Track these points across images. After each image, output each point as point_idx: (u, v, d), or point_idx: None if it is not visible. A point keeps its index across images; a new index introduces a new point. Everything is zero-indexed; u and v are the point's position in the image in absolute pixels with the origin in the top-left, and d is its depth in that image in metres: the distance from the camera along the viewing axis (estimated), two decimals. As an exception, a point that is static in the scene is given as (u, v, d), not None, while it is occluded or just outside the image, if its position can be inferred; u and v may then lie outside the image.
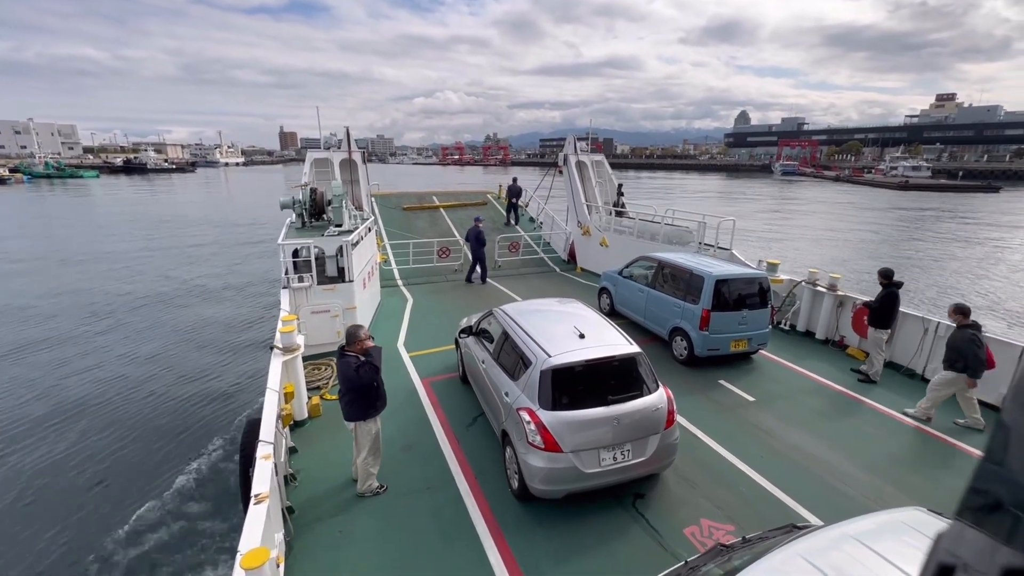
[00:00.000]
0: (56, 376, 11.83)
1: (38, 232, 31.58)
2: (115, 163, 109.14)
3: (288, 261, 8.75)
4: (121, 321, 15.70)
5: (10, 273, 21.02)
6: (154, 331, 14.96)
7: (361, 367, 5.01)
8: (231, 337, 14.69)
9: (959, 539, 0.82)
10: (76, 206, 47.54)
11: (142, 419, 10.15)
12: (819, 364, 8.84)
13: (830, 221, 40.44)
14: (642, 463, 5.07)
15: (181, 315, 16.40)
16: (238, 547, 3.38)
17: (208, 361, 13.01)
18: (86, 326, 15.14)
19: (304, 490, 5.47)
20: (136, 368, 12.45)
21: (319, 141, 16.25)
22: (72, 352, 13.20)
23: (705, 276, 8.37)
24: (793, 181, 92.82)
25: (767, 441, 6.48)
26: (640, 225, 14.28)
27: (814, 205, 53.22)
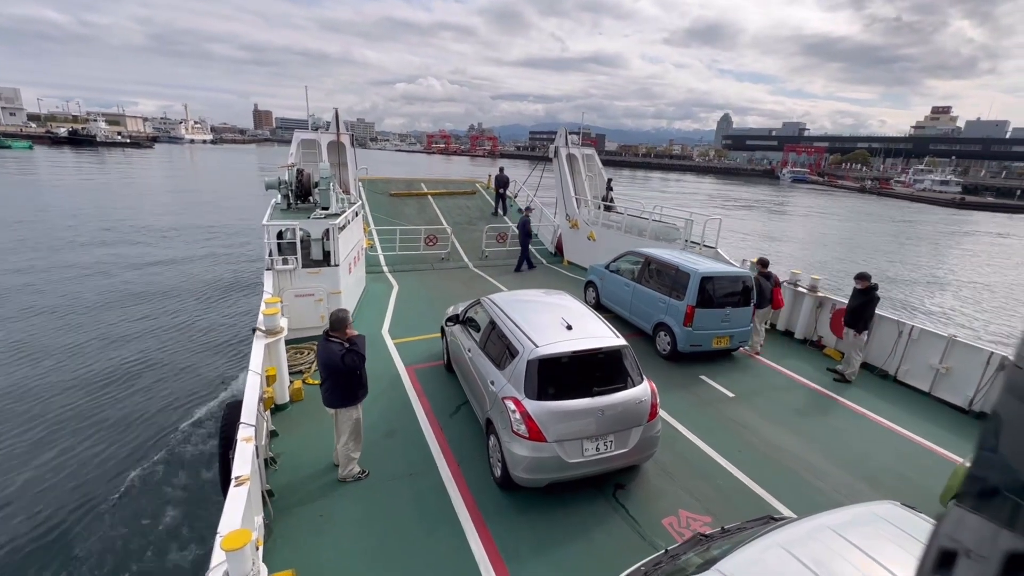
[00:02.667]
0: (24, 362, 11.43)
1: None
2: (59, 134, 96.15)
3: (272, 243, 8.58)
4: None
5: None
6: (123, 316, 14.57)
7: (347, 354, 4.97)
8: (210, 322, 14.40)
9: (959, 524, 0.84)
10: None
11: (113, 403, 9.89)
12: (797, 363, 9.05)
13: (927, 256, 31.05)
14: (624, 454, 5.14)
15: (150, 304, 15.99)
16: (218, 529, 3.33)
17: (184, 345, 12.73)
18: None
19: (284, 474, 5.41)
20: (106, 351, 12.12)
21: (299, 122, 15.92)
22: (34, 336, 12.74)
23: (691, 273, 8.47)
24: (814, 191, 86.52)
25: (745, 436, 6.63)
26: (628, 220, 14.36)
27: (871, 223, 45.54)
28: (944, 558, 0.84)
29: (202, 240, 23.69)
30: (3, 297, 14.85)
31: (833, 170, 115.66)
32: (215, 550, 3.15)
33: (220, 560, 3.06)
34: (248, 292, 16.44)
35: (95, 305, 14.78)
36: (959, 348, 7.77)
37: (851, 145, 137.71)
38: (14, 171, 48.30)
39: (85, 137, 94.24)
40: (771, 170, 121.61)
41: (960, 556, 0.81)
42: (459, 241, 16.14)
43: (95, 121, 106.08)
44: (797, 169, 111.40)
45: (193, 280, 17.68)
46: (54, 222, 25.34)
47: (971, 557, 0.78)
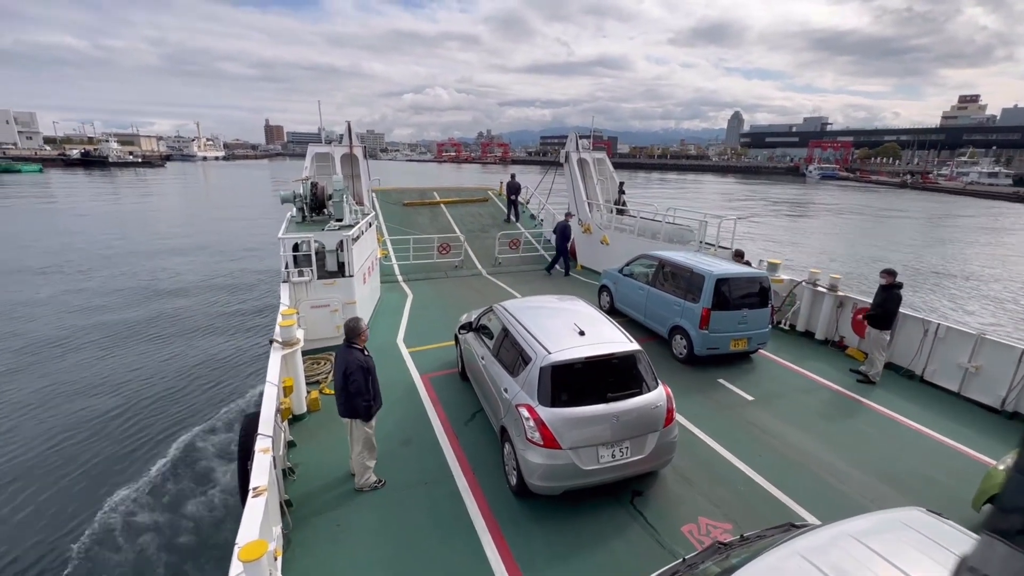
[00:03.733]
0: (49, 374, 11.79)
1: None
2: (71, 155, 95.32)
3: (288, 255, 8.73)
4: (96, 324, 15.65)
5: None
6: (143, 329, 14.94)
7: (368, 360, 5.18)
8: (228, 332, 14.68)
9: (987, 556, 0.80)
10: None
11: (135, 414, 10.11)
12: (818, 364, 8.84)
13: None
14: (641, 461, 5.07)
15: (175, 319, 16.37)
16: (236, 540, 3.38)
17: (203, 356, 12.99)
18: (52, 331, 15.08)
19: (302, 484, 5.47)
20: (127, 365, 12.43)
21: (310, 135, 16.22)
22: (56, 354, 13.09)
23: (706, 275, 8.36)
24: (846, 187, 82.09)
25: (765, 440, 6.49)
26: (641, 223, 14.26)
27: (933, 222, 42.09)
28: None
29: (218, 256, 24.09)
30: (27, 316, 15.37)
31: (863, 165, 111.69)
32: (233, 561, 3.19)
33: (238, 571, 3.10)
34: (264, 304, 16.73)
35: (113, 321, 15.19)
36: (989, 346, 7.52)
37: (878, 139, 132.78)
38: (23, 195, 47.51)
39: (97, 158, 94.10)
40: (795, 167, 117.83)
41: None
42: (472, 249, 16.21)
43: (107, 142, 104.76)
44: (825, 165, 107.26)
45: (210, 294, 18.04)
46: (68, 242, 25.96)
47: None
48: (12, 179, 62.63)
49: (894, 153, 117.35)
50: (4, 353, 12.55)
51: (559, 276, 15.26)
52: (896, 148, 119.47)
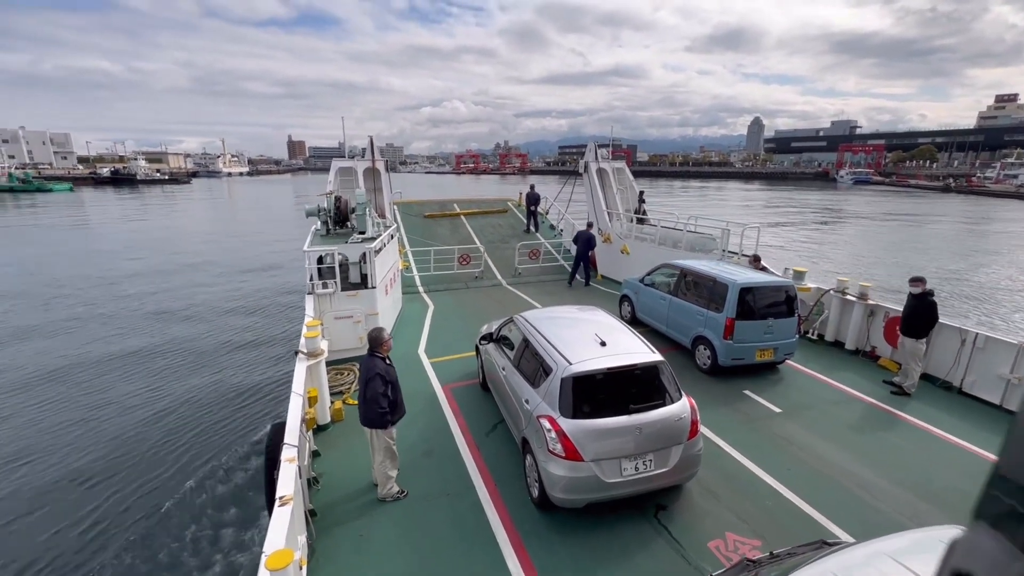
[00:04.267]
0: (79, 389, 12.22)
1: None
2: (102, 174, 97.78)
3: (313, 268, 8.93)
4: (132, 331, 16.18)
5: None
6: (175, 343, 15.40)
7: (390, 369, 5.28)
8: (257, 344, 15.04)
9: (974, 546, 0.77)
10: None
11: (165, 422, 10.42)
12: (849, 375, 8.58)
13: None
14: (665, 474, 4.98)
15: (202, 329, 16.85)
16: (263, 549, 3.44)
17: (234, 366, 13.32)
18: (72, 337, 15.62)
19: (326, 493, 5.54)
20: (158, 373, 12.83)
21: (331, 150, 16.59)
22: (90, 367, 13.53)
23: (729, 284, 8.23)
24: (882, 192, 78.28)
25: (795, 453, 6.30)
26: (662, 232, 14.14)
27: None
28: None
29: (244, 270, 24.57)
30: (64, 327, 16.03)
31: (898, 169, 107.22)
32: (260, 569, 3.25)
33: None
34: (289, 315, 17.09)
35: (145, 333, 15.72)
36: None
37: (911, 141, 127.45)
38: (54, 214, 48.17)
39: (126, 176, 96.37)
40: (824, 172, 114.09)
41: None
42: (492, 259, 16.30)
43: (135, 160, 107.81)
44: (858, 170, 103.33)
45: (237, 308, 18.49)
46: (100, 259, 26.77)
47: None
48: (44, 198, 64.60)
49: (930, 156, 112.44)
50: (51, 365, 13.10)
51: (579, 286, 15.21)
52: (932, 150, 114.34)
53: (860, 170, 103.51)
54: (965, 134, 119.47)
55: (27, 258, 26.77)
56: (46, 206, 54.86)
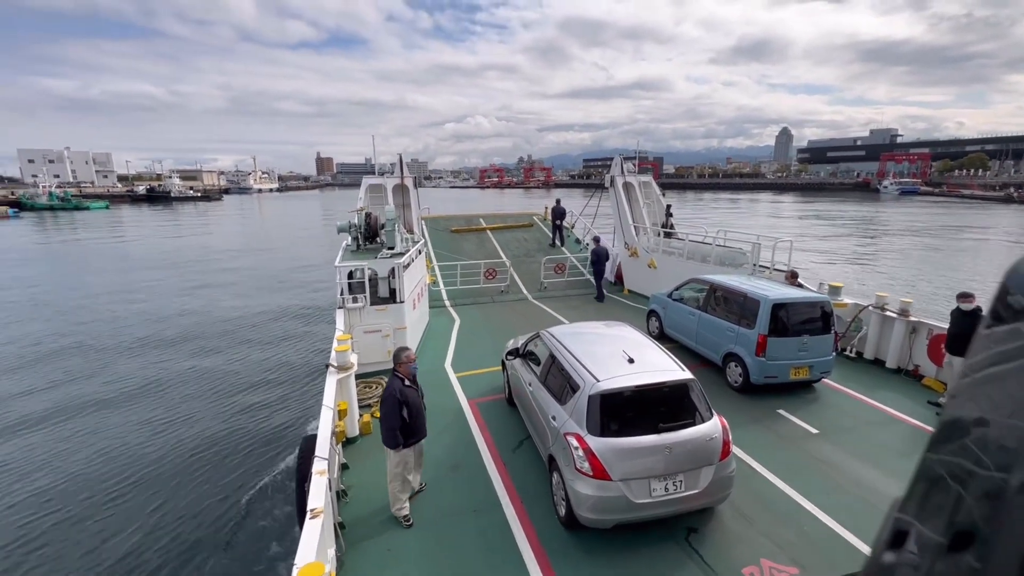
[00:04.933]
0: (114, 403, 12.69)
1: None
2: (138, 192, 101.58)
3: (343, 282, 9.15)
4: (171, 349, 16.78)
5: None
6: (214, 357, 15.93)
7: (404, 389, 5.25)
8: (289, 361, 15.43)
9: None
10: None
11: (202, 434, 10.76)
12: (891, 395, 8.20)
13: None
14: (696, 495, 4.85)
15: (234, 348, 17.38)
16: (295, 561, 3.50)
17: (266, 380, 13.69)
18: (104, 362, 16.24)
19: (355, 507, 5.59)
20: (196, 385, 13.28)
21: (358, 166, 17.02)
22: (126, 381, 13.98)
23: (761, 299, 8.03)
24: (934, 203, 73.38)
25: (834, 477, 6.05)
26: (690, 246, 13.94)
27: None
28: (896, 537, 0.80)
29: (275, 286, 24.95)
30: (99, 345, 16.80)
31: (949, 178, 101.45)
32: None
33: None
34: (316, 328, 17.49)
35: (181, 347, 16.32)
36: None
37: (958, 149, 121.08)
38: (86, 233, 48.70)
39: (161, 193, 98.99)
40: (864, 183, 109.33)
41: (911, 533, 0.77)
42: (518, 273, 16.36)
43: (170, 178, 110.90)
44: (904, 180, 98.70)
45: (269, 323, 19.00)
46: (131, 275, 27.37)
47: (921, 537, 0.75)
48: (81, 216, 66.91)
49: (981, 164, 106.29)
50: (103, 375, 13.76)
51: (606, 300, 15.10)
52: (983, 158, 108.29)
53: (906, 180, 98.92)
54: (1019, 141, 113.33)
55: (64, 275, 28.19)
56: (82, 224, 56.56)
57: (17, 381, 13.27)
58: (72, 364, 14.46)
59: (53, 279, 26.74)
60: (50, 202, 75.61)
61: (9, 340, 16.47)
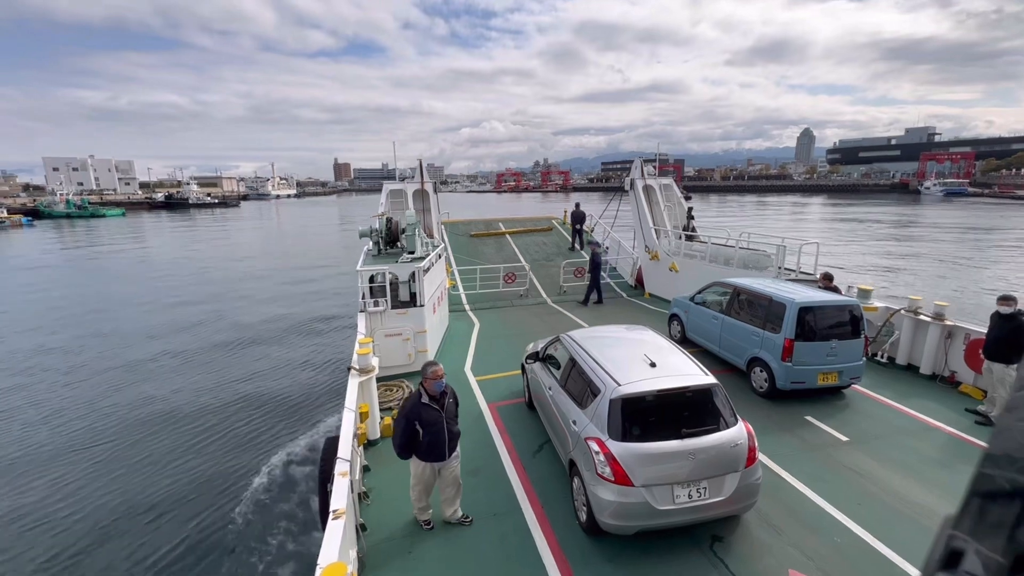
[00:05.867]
0: (142, 401, 13.00)
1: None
2: (156, 199, 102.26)
3: (365, 286, 9.27)
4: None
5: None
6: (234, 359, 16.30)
7: (417, 406, 4.98)
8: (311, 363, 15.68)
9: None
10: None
11: (230, 434, 11.01)
12: (926, 402, 7.90)
13: None
14: (720, 503, 4.74)
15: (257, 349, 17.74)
16: (317, 560, 3.54)
17: (290, 383, 13.94)
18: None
19: (376, 508, 5.64)
20: (222, 388, 13.59)
21: (374, 171, 17.13)
22: (150, 379, 14.27)
23: (787, 303, 7.84)
24: (984, 205, 69.15)
25: (865, 487, 5.84)
26: (712, 249, 13.72)
27: None
28: (951, 558, 0.75)
29: (288, 294, 24.73)
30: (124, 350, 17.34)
31: (999, 178, 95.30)
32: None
33: None
34: (335, 332, 17.75)
35: (208, 351, 16.74)
36: None
37: (1003, 147, 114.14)
38: (93, 241, 48.23)
39: (179, 200, 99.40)
40: (903, 184, 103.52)
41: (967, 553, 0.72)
42: (537, 277, 16.33)
43: (188, 185, 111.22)
44: (949, 180, 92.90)
45: (291, 327, 19.30)
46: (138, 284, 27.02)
47: (979, 555, 0.70)
48: (96, 224, 66.54)
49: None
50: (123, 381, 14.22)
51: (627, 304, 14.96)
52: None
53: (952, 180, 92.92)
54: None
55: (80, 282, 28.73)
56: (94, 233, 56.14)
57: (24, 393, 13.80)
58: (78, 382, 14.99)
59: (55, 287, 27.28)
60: (67, 210, 75.92)
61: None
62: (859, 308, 8.05)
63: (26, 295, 24.87)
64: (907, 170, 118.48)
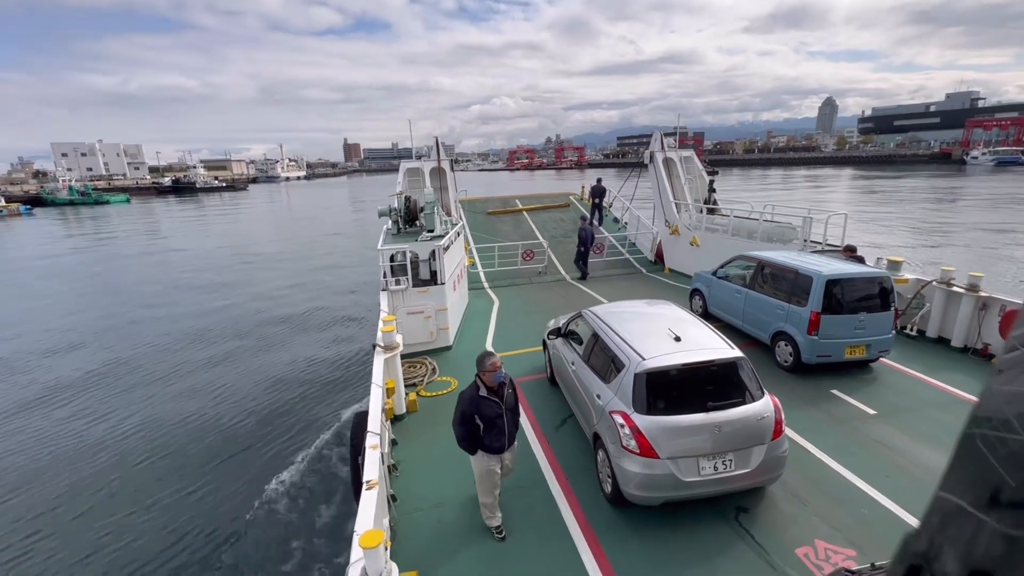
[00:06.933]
0: (176, 384, 13.42)
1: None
2: (163, 183, 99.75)
3: (386, 265, 9.35)
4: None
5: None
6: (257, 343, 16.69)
7: (475, 399, 4.68)
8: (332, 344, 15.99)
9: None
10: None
11: (258, 410, 11.42)
12: (957, 376, 7.73)
13: None
14: (746, 475, 4.76)
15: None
16: (354, 528, 3.68)
17: (315, 361, 14.28)
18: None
19: (404, 480, 5.81)
20: (252, 368, 13.99)
21: (383, 151, 16.98)
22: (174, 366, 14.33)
23: (814, 276, 7.68)
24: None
25: (894, 459, 5.79)
26: (735, 222, 13.44)
27: None
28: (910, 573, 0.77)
29: (317, 275, 24.94)
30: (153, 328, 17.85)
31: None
32: (353, 547, 3.48)
33: (358, 556, 3.37)
34: (354, 316, 18.01)
35: (235, 334, 17.17)
36: None
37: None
38: (87, 232, 45.53)
39: (187, 185, 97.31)
40: (944, 153, 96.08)
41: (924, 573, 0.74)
42: (555, 254, 16.26)
43: (194, 168, 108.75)
44: (1001, 148, 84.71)
45: (313, 308, 19.57)
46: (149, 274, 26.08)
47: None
48: (99, 211, 64.17)
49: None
50: (157, 366, 14.73)
51: (647, 279, 14.85)
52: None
53: (1004, 149, 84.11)
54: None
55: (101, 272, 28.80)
56: (92, 222, 53.43)
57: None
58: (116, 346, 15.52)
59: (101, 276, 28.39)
60: (70, 197, 73.71)
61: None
62: (890, 280, 7.84)
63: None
64: (947, 138, 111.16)
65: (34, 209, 65.39)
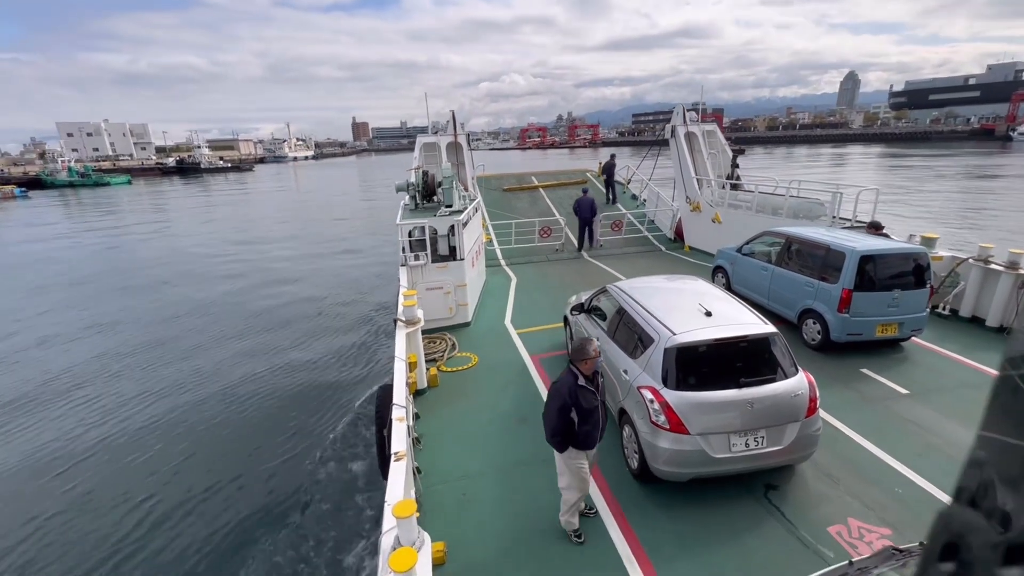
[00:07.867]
0: (205, 358, 13.70)
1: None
2: (167, 164, 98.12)
3: (405, 240, 9.27)
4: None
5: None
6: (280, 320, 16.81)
7: (577, 390, 4.18)
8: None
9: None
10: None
11: (287, 387, 11.54)
12: (993, 355, 7.47)
13: None
14: (778, 452, 4.67)
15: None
16: (386, 498, 3.68)
17: (336, 336, 14.38)
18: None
19: (428, 453, 5.82)
20: (280, 343, 14.14)
21: (392, 129, 16.64)
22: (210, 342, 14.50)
23: (847, 252, 7.42)
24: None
25: (928, 439, 5.65)
26: (760, 199, 13.06)
27: None
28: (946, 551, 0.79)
29: (334, 257, 24.59)
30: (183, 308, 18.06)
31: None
32: (386, 516, 3.48)
33: (391, 525, 3.37)
34: (368, 296, 18.04)
35: (261, 313, 17.33)
36: None
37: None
38: (71, 218, 42.87)
39: (191, 165, 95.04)
40: (987, 129, 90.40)
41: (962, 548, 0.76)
42: (572, 231, 16.04)
43: (199, 148, 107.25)
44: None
45: (333, 288, 19.72)
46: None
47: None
48: (99, 193, 61.51)
49: None
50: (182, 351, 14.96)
51: (665, 257, 14.61)
52: None
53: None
54: None
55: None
56: (95, 203, 51.16)
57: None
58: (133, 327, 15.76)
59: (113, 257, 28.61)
60: (70, 178, 71.40)
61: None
62: (926, 257, 7.56)
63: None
64: (988, 113, 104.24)
65: (30, 191, 62.67)
